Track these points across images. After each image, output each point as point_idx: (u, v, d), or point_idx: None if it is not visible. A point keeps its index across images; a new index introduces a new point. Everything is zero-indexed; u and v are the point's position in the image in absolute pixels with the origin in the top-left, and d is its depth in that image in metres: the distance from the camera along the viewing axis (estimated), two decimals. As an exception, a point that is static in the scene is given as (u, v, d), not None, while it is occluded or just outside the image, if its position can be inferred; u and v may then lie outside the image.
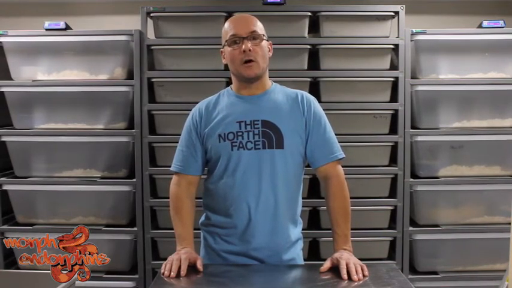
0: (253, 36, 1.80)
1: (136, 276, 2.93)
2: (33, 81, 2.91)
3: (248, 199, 1.79)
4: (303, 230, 1.99)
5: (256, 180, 1.79)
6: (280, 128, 1.80)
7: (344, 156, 1.90)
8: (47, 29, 2.89)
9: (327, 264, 1.73)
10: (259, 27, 1.84)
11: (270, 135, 1.80)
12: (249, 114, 1.82)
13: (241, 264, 1.82)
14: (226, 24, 1.85)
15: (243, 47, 1.77)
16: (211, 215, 1.89)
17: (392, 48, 2.89)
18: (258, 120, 1.81)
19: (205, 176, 1.96)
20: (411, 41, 2.85)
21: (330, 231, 1.94)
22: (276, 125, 1.80)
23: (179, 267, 1.68)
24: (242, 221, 1.81)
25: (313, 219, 2.93)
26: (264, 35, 1.84)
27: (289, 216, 1.86)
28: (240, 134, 1.79)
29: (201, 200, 1.96)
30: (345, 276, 1.64)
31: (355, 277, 1.63)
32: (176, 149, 1.92)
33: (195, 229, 1.88)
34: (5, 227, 2.95)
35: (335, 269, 1.72)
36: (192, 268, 1.72)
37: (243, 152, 1.79)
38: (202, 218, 1.95)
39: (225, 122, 1.82)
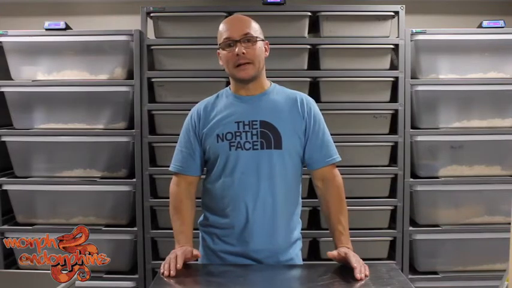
0: (247, 39, 1.78)
1: (136, 276, 2.93)
2: (33, 81, 2.91)
3: (246, 199, 1.79)
4: (302, 229, 1.99)
5: (255, 181, 1.79)
6: (279, 128, 1.80)
7: (340, 159, 1.91)
8: (47, 29, 2.89)
9: (334, 253, 1.73)
10: (254, 29, 1.82)
11: (268, 136, 1.80)
12: (248, 114, 1.82)
13: (240, 264, 1.82)
14: (221, 26, 1.83)
15: (236, 50, 1.77)
16: (209, 215, 1.90)
17: (392, 48, 2.89)
18: (257, 121, 1.80)
19: (204, 176, 1.96)
20: (411, 41, 2.85)
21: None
22: (274, 125, 1.80)
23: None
24: (240, 222, 1.81)
25: (313, 219, 2.93)
26: (258, 37, 1.81)
27: (287, 217, 1.86)
28: (238, 134, 1.79)
29: (197, 200, 1.96)
30: (358, 275, 1.63)
31: (358, 276, 1.63)
32: (175, 149, 1.92)
33: (194, 229, 1.88)
34: (5, 227, 2.95)
35: (335, 269, 1.72)
36: (192, 268, 1.72)
37: (241, 152, 1.79)
38: (201, 218, 1.96)
39: (224, 122, 1.82)
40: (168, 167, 1.94)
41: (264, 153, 1.79)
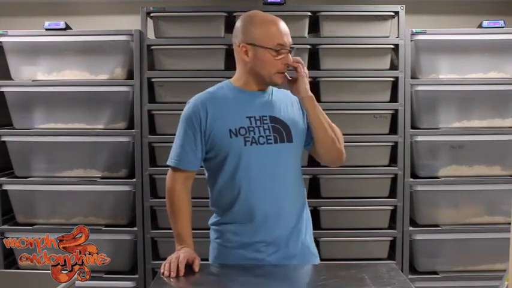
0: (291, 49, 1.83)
1: (136, 276, 2.93)
2: (33, 81, 2.92)
3: (265, 193, 1.79)
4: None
5: (272, 174, 1.80)
6: (287, 123, 1.83)
7: None
8: (47, 29, 2.89)
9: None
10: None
11: (280, 130, 1.81)
12: (257, 109, 1.82)
13: (241, 264, 1.81)
14: (270, 27, 1.79)
15: (289, 59, 1.79)
16: (223, 213, 1.86)
17: (392, 48, 2.89)
18: (266, 116, 1.82)
19: (203, 175, 1.93)
20: (411, 41, 2.86)
21: (330, 231, 1.96)
22: (283, 120, 1.83)
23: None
24: (259, 216, 1.79)
25: (313, 219, 2.92)
26: None
27: (302, 205, 1.90)
28: (251, 129, 1.79)
29: (198, 200, 1.94)
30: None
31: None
32: (174, 143, 1.87)
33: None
34: (5, 227, 2.95)
35: (335, 269, 1.72)
36: (192, 268, 1.72)
37: (256, 147, 1.78)
38: (213, 219, 1.92)
39: (235, 117, 1.80)
40: (168, 167, 1.92)
41: (278, 147, 1.80)
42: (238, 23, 1.86)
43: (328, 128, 1.84)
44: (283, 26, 1.82)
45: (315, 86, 2.90)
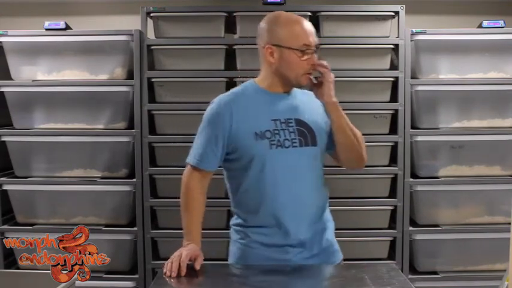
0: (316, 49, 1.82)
1: (136, 276, 2.93)
2: (33, 81, 2.92)
3: (290, 197, 1.79)
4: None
5: (297, 178, 1.79)
6: (312, 126, 1.83)
7: None
8: (47, 29, 2.89)
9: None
10: None
11: (305, 134, 1.81)
12: (282, 112, 1.81)
13: (244, 265, 1.82)
14: (295, 27, 1.79)
15: (315, 60, 1.79)
16: (247, 216, 1.85)
17: (392, 48, 2.89)
18: (291, 119, 1.81)
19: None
20: (411, 41, 2.86)
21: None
22: (308, 123, 1.82)
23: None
24: (284, 219, 1.79)
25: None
26: None
27: (324, 207, 1.90)
28: (276, 132, 1.78)
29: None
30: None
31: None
32: (194, 141, 1.85)
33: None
34: (5, 227, 2.95)
35: (337, 270, 1.72)
36: (194, 268, 1.72)
37: (282, 150, 1.77)
38: (235, 220, 1.91)
39: (260, 119, 1.79)
40: (169, 167, 1.92)
41: (303, 151, 1.80)
42: (263, 24, 1.84)
43: (350, 133, 1.84)
44: (308, 25, 1.81)
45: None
